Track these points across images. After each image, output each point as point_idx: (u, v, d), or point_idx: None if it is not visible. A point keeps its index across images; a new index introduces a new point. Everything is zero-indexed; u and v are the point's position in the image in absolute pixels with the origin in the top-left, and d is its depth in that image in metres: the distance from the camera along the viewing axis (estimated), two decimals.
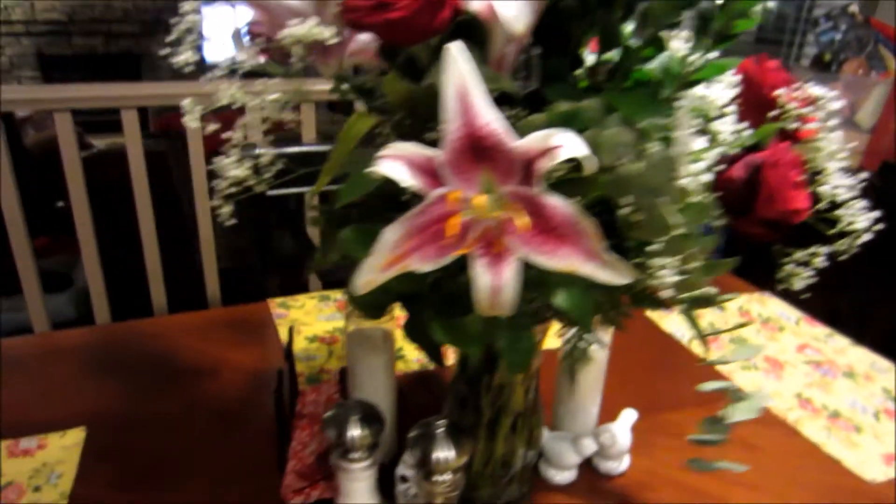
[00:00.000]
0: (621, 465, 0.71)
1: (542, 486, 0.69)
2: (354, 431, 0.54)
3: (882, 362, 0.95)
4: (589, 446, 0.68)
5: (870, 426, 0.82)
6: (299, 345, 0.91)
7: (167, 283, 1.33)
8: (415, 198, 0.41)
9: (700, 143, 0.37)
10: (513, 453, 0.63)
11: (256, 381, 0.85)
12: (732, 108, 0.41)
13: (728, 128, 0.41)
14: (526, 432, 0.63)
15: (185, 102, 0.46)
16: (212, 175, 0.54)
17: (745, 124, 0.42)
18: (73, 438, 0.72)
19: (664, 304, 0.50)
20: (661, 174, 0.35)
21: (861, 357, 0.96)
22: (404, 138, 0.48)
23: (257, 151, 0.51)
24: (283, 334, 0.94)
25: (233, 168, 0.48)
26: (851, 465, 0.75)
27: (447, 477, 0.54)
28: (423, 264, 0.37)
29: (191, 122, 0.46)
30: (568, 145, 0.34)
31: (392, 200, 0.45)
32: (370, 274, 0.38)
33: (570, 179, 0.38)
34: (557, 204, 0.36)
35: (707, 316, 1.05)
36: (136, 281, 1.31)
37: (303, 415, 0.71)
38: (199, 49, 0.46)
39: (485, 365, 0.59)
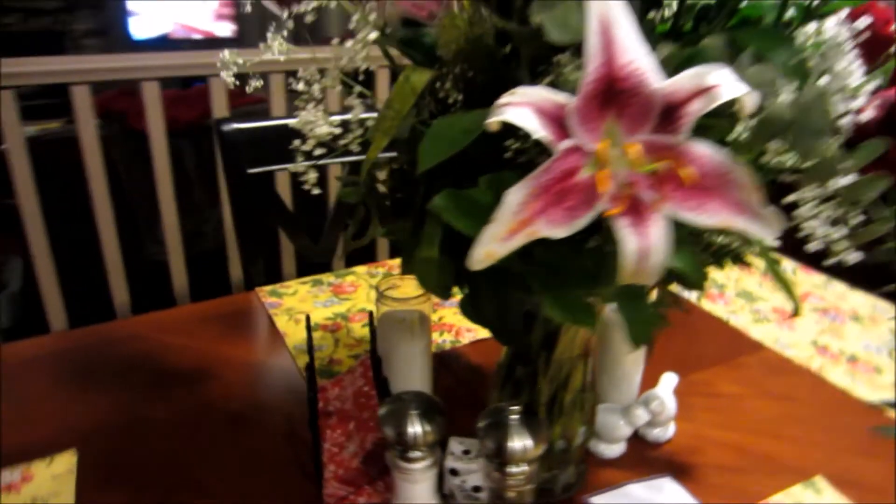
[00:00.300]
0: (668, 431, 0.68)
1: (594, 462, 0.66)
2: (416, 428, 0.49)
3: (882, 304, 0.96)
4: (641, 416, 0.65)
5: (888, 366, 0.82)
6: (300, 335, 0.84)
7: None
8: (519, 154, 0.35)
9: (856, 78, 0.33)
10: (572, 433, 0.59)
11: (261, 378, 0.77)
12: (851, 44, 0.37)
13: (850, 66, 0.36)
14: (584, 410, 0.58)
15: (224, 54, 0.38)
16: (178, 156, 0.46)
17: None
18: (64, 464, 0.63)
19: (743, 262, 0.46)
20: (819, 113, 0.31)
21: (861, 301, 0.97)
22: (469, 94, 0.42)
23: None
24: (281, 325, 0.86)
25: (320, 125, 0.40)
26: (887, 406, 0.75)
27: (523, 468, 0.49)
28: (552, 229, 0.31)
29: (227, 77, 0.38)
30: (726, 84, 0.29)
31: (467, 164, 0.39)
32: (491, 244, 0.32)
33: (702, 126, 0.33)
34: (706, 153, 0.31)
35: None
36: (90, 281, 1.19)
37: (328, 412, 0.64)
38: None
39: (544, 342, 0.55)
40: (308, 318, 0.65)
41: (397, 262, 1.03)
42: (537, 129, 0.30)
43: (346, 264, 1.03)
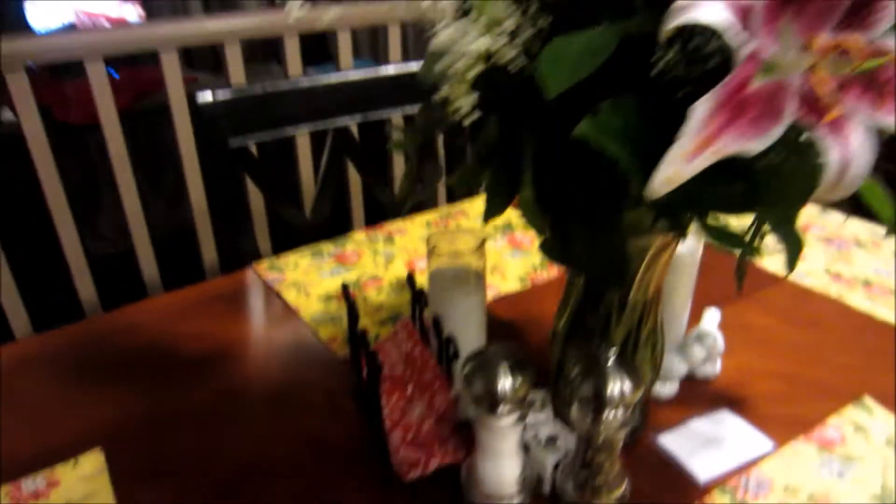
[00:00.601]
0: (717, 366, 0.68)
1: (651, 402, 0.64)
2: (506, 382, 0.46)
3: (878, 229, 0.99)
4: (698, 353, 0.64)
5: None
6: (313, 307, 0.79)
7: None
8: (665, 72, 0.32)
9: None
10: (643, 377, 0.57)
11: (285, 355, 0.72)
12: None
13: None
14: (655, 352, 0.57)
15: None
16: (134, 135, 0.41)
17: None
18: (92, 464, 0.57)
19: None
20: None
21: (858, 228, 0.99)
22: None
23: None
24: (291, 299, 0.81)
25: (476, 38, 0.34)
26: None
27: (619, 413, 0.47)
28: (742, 144, 0.28)
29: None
30: None
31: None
32: (674, 165, 0.28)
33: None
34: None
35: None
36: (48, 281, 1.09)
37: (380, 379, 0.60)
38: None
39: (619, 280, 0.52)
40: (346, 288, 0.61)
41: (395, 225, 0.99)
42: (733, 25, 0.27)
43: (337, 232, 0.97)
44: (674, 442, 0.59)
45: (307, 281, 0.85)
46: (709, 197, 0.33)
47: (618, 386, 0.45)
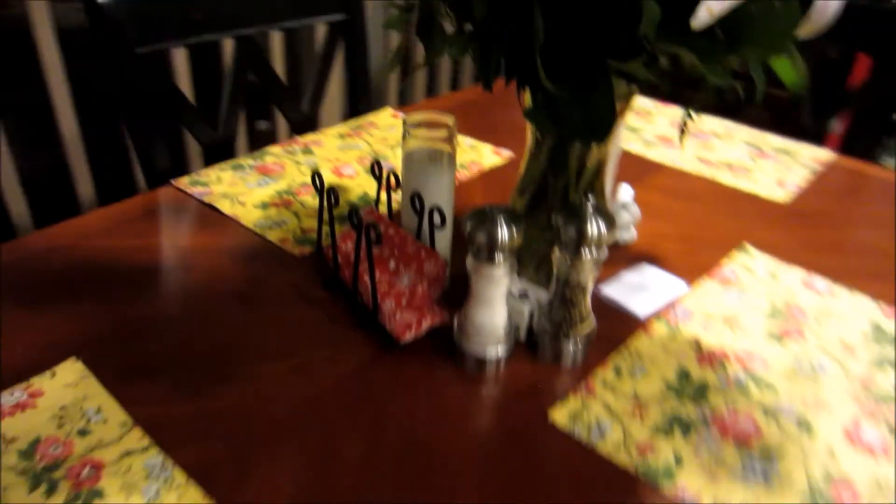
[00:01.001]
0: (632, 232, 0.79)
1: None
2: (504, 232, 0.52)
3: (729, 123, 1.16)
4: (626, 218, 0.74)
5: (755, 166, 1.01)
6: (253, 215, 0.79)
7: None
8: None
9: None
10: None
11: (241, 258, 0.72)
12: None
13: None
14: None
15: None
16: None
17: None
18: (71, 373, 0.55)
19: None
20: None
21: (714, 124, 1.16)
22: None
23: None
24: (226, 209, 0.80)
25: None
26: (765, 194, 0.94)
27: (596, 253, 0.55)
28: None
29: None
30: None
31: None
32: None
33: None
34: None
35: None
36: None
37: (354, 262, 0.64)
38: None
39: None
40: (318, 174, 0.63)
41: (311, 137, 1.00)
42: None
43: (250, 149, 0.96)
44: (612, 290, 0.69)
45: (236, 192, 0.84)
46: (701, 42, 0.41)
47: (596, 227, 0.53)
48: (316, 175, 0.62)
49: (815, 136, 1.23)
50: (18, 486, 0.45)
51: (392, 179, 0.66)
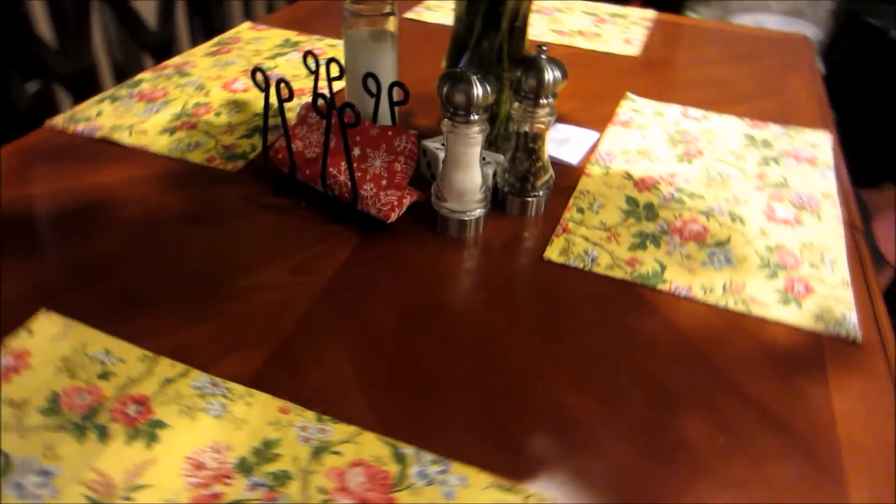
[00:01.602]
0: None
1: None
2: (479, 90, 0.54)
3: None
4: None
5: (601, 31, 1.11)
6: (161, 142, 0.73)
7: None
8: None
9: None
10: None
11: (173, 186, 0.67)
12: None
13: None
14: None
15: None
16: None
17: None
18: (50, 326, 0.50)
19: None
20: None
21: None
22: None
23: None
24: (127, 140, 0.72)
25: None
26: (619, 51, 1.04)
27: (552, 101, 0.59)
28: None
29: None
30: None
31: None
32: None
33: None
34: None
35: None
36: None
37: (311, 158, 0.62)
38: None
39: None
40: (260, 69, 0.59)
41: (178, 59, 0.92)
42: None
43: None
44: None
45: (129, 122, 0.76)
46: None
47: (552, 74, 0.57)
48: (257, 71, 0.59)
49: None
50: (64, 441, 0.41)
51: (332, 69, 0.64)
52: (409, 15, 1.15)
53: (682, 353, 0.51)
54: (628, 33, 1.11)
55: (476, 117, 0.55)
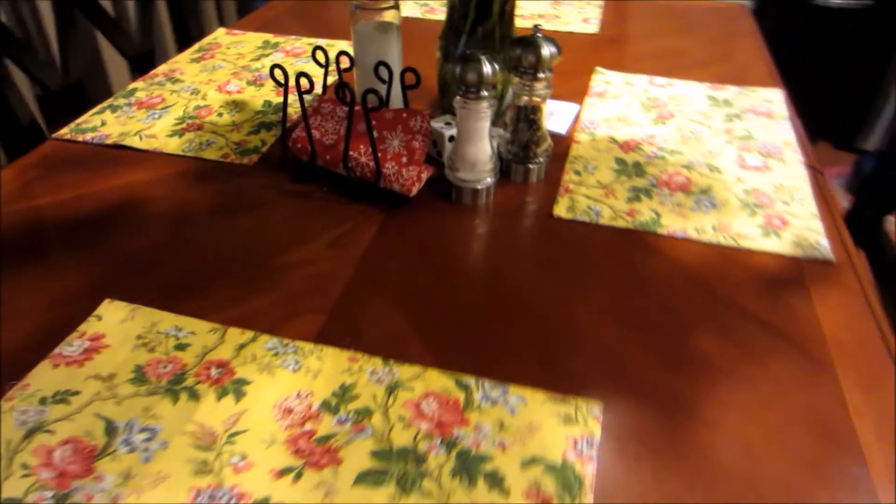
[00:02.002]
0: None
1: None
2: (488, 68, 0.60)
3: None
4: None
5: (559, 12, 1.18)
6: (173, 144, 0.76)
7: None
8: None
9: None
10: None
11: (194, 183, 0.71)
12: None
13: None
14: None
15: None
16: None
17: None
18: (118, 311, 0.53)
19: None
20: None
21: None
22: None
23: None
24: (137, 143, 0.76)
25: None
26: (580, 30, 1.11)
27: (548, 73, 0.65)
28: None
29: None
30: None
31: None
32: None
33: None
34: None
35: None
36: None
37: (329, 145, 0.67)
38: None
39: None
40: (280, 67, 0.64)
41: (164, 67, 0.94)
42: None
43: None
44: None
45: (136, 128, 0.79)
46: None
47: (548, 50, 0.64)
48: (276, 67, 0.64)
49: None
50: (159, 403, 0.46)
51: (342, 61, 0.69)
52: None
53: (686, 283, 0.58)
54: (584, 13, 1.19)
55: (486, 94, 0.61)
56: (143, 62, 1.04)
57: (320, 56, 0.68)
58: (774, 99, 0.88)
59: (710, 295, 0.57)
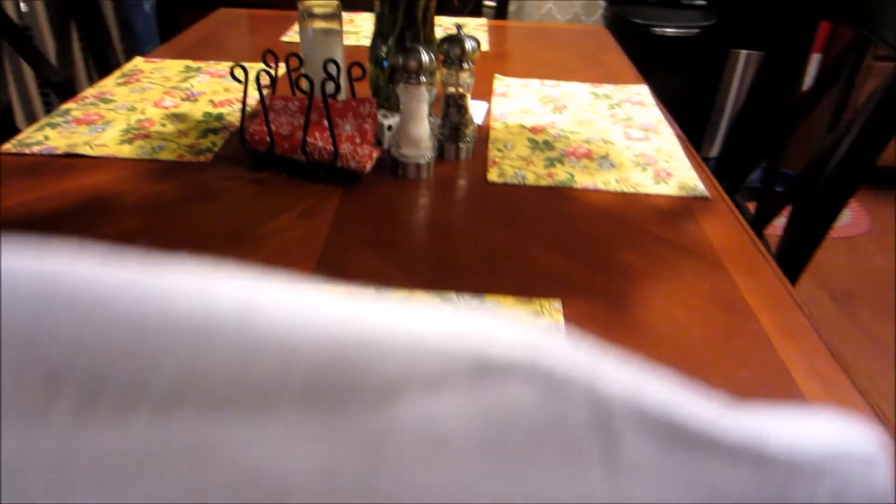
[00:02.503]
0: None
1: None
2: (425, 57, 0.71)
3: None
4: None
5: None
6: (126, 149, 0.81)
7: None
8: None
9: None
10: None
11: (158, 181, 0.76)
12: None
13: None
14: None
15: None
16: None
17: None
18: None
19: None
20: None
21: None
22: None
23: None
24: (89, 151, 0.79)
25: None
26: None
27: (471, 63, 0.78)
28: None
29: None
30: None
31: None
32: None
33: None
34: None
35: None
36: None
37: (285, 135, 0.75)
38: None
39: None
40: (241, 66, 0.71)
41: (93, 90, 0.97)
42: None
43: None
44: None
45: (83, 139, 0.83)
46: None
47: (471, 44, 0.76)
48: (236, 66, 0.71)
49: (472, 11, 1.61)
50: None
51: (292, 61, 0.78)
52: (284, 38, 1.29)
53: (604, 219, 0.71)
54: (475, 34, 1.34)
55: (424, 79, 0.72)
56: (65, 89, 1.06)
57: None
58: (643, 93, 1.06)
59: (623, 226, 0.70)
